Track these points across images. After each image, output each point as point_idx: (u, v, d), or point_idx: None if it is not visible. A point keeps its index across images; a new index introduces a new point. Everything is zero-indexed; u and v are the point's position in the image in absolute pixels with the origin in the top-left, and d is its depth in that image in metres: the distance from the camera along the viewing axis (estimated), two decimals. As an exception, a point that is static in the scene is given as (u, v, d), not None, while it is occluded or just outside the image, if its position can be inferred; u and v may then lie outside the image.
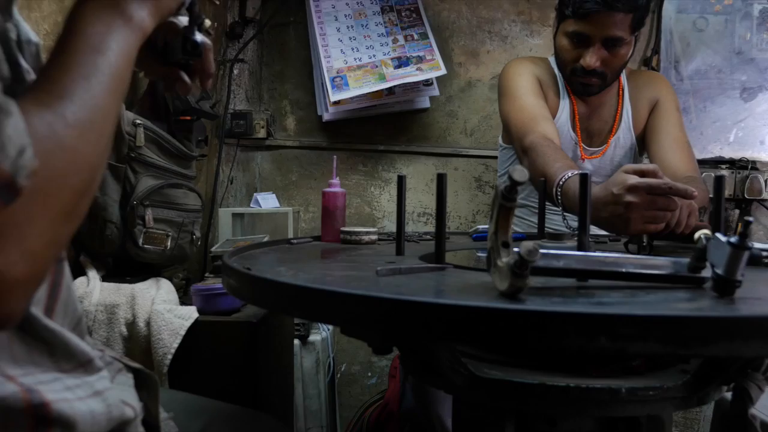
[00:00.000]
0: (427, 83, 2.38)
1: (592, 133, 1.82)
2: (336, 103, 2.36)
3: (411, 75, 2.30)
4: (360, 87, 2.28)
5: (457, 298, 0.70)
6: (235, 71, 2.51)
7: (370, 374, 2.53)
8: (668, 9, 2.40)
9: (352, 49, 2.35)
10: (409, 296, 0.59)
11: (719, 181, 0.85)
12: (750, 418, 0.86)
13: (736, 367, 0.82)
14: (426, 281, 0.81)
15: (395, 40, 2.36)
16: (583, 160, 1.81)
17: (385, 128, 2.50)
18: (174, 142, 1.64)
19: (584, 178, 0.80)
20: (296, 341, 1.99)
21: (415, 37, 2.37)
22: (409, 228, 2.50)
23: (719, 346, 0.54)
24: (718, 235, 0.69)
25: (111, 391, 0.68)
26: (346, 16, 2.39)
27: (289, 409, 1.88)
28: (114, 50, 0.63)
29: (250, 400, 1.46)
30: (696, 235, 0.81)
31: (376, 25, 2.39)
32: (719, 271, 0.69)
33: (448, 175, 2.48)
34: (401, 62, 2.32)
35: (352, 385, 2.54)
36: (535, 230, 1.28)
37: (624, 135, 1.81)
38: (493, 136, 2.44)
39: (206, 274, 1.82)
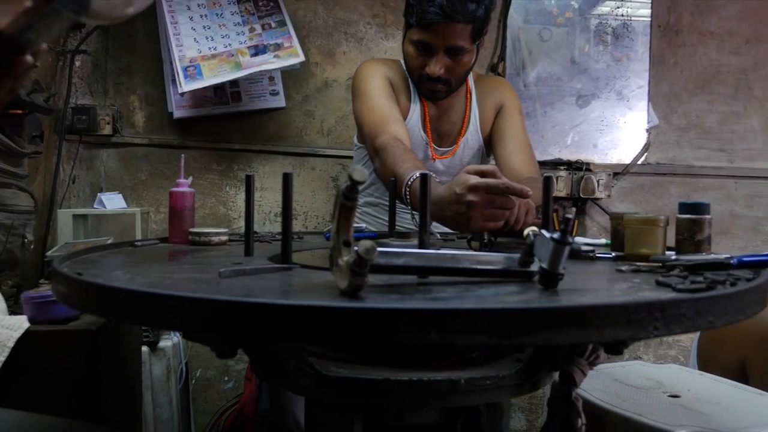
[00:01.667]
0: (274, 93, 2.36)
1: (442, 134, 1.89)
2: (183, 104, 2.28)
3: (268, 62, 2.25)
4: (215, 76, 2.20)
5: (297, 298, 0.69)
6: (77, 63, 2.35)
7: (226, 378, 2.47)
8: (516, 19, 2.55)
9: (207, 38, 2.27)
10: (243, 297, 0.58)
11: (548, 181, 0.91)
12: (574, 399, 0.92)
13: (562, 354, 0.88)
14: (270, 282, 0.80)
15: (252, 29, 2.30)
16: (434, 160, 1.87)
17: (240, 127, 2.45)
18: (1, 137, 1.50)
19: (424, 179, 0.83)
20: (144, 348, 1.90)
21: (273, 24, 2.33)
22: (266, 228, 2.47)
23: (539, 336, 0.57)
24: (543, 231, 0.74)
25: None
26: (199, 5, 2.31)
27: (138, 420, 1.79)
28: None
29: (92, 413, 1.37)
30: (525, 232, 0.86)
31: (232, 14, 2.32)
32: (544, 265, 0.74)
33: (305, 175, 2.50)
34: (258, 50, 2.27)
35: (208, 391, 2.46)
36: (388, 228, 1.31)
37: (472, 136, 1.89)
38: (349, 136, 2.47)
39: (41, 281, 1.68)
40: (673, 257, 0.99)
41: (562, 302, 0.63)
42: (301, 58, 2.27)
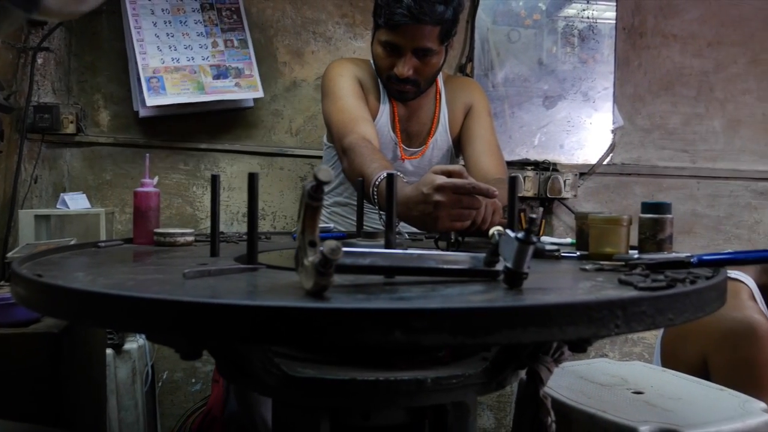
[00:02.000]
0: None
1: (411, 134, 1.89)
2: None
3: (229, 91, 2.28)
4: (178, 94, 2.21)
5: (262, 298, 0.69)
6: (39, 60, 2.30)
7: (194, 380, 2.44)
8: (485, 20, 2.57)
9: (170, 47, 2.25)
10: (206, 298, 0.57)
11: (513, 181, 0.92)
12: (542, 397, 0.93)
13: (528, 353, 0.89)
14: (235, 282, 0.79)
15: (215, 44, 2.30)
16: (403, 160, 1.87)
17: (207, 126, 2.42)
18: (-40, 136, 1.47)
19: (390, 179, 0.83)
20: (109, 351, 1.87)
21: (235, 43, 2.32)
22: (234, 228, 2.45)
23: (503, 334, 0.58)
24: (508, 231, 0.75)
25: None
26: (163, 10, 2.28)
27: (102, 424, 1.76)
28: None
29: (54, 417, 1.35)
30: (490, 232, 0.87)
31: (196, 23, 2.31)
32: (509, 264, 0.74)
33: (274, 174, 2.49)
34: (220, 72, 2.28)
35: (174, 393, 2.43)
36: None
37: (441, 137, 1.89)
38: (318, 136, 2.46)
39: (1, 283, 1.65)
40: (636, 256, 1.00)
41: (525, 301, 0.63)
42: (260, 94, 2.31)
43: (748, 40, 2.82)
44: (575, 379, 1.43)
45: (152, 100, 2.19)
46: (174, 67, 2.23)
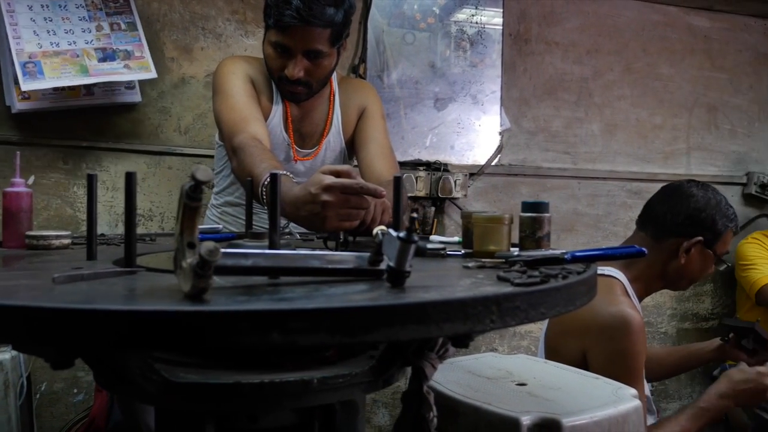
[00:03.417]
0: (130, 86, 2.25)
1: (304, 135, 1.87)
2: (26, 98, 2.11)
3: (117, 72, 2.14)
4: (58, 78, 2.06)
5: (136, 303, 0.66)
6: None
7: (76, 390, 2.32)
8: (380, 22, 2.59)
9: (48, 31, 2.11)
10: (70, 304, 0.54)
11: (397, 181, 0.94)
12: (425, 393, 0.95)
13: (413, 349, 0.91)
14: (110, 287, 0.76)
15: (99, 27, 2.18)
16: (296, 161, 1.86)
17: (89, 123, 2.30)
18: None
19: (274, 179, 0.82)
20: (-22, 363, 1.74)
21: (122, 26, 2.21)
22: (119, 230, 2.34)
23: (381, 332, 0.59)
24: (390, 230, 0.76)
25: None
26: (38, -6, 2.14)
27: (-30, 442, 1.64)
28: None
29: None
30: (374, 232, 0.88)
31: (77, 8, 2.17)
32: (391, 263, 0.75)
33: (162, 174, 2.40)
34: (106, 55, 2.15)
35: (55, 405, 2.30)
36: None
37: (334, 138, 1.89)
38: (209, 135, 2.40)
39: None
40: (516, 253, 1.04)
41: (404, 299, 0.64)
42: (153, 74, 2.19)
43: (622, 50, 3.01)
44: (463, 374, 1.47)
45: (28, 85, 2.03)
46: (53, 51, 2.09)
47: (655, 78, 3.07)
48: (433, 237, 1.39)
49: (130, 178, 0.84)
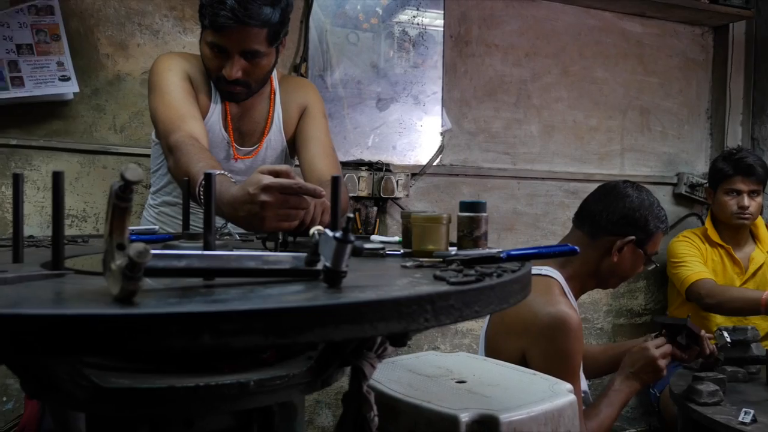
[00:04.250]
0: (64, 78, 2.17)
1: (244, 133, 1.85)
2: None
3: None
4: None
5: (61, 306, 0.64)
6: None
7: (5, 399, 2.23)
8: (324, 21, 2.58)
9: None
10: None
11: (335, 181, 0.93)
12: (365, 393, 0.95)
13: (351, 349, 0.91)
14: (36, 290, 0.73)
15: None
16: (236, 160, 1.83)
17: (17, 119, 2.21)
18: None
19: (209, 178, 0.81)
20: None
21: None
22: (50, 231, 2.26)
23: (315, 333, 0.58)
24: (326, 230, 0.76)
25: None
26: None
27: None
28: None
29: None
30: (311, 232, 0.88)
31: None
32: (328, 263, 0.75)
33: (96, 174, 2.33)
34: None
35: (-18, 415, 2.21)
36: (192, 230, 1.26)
37: (275, 137, 1.87)
38: (145, 133, 2.34)
39: None
40: (454, 252, 1.06)
41: (338, 299, 0.64)
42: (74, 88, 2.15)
43: (559, 53, 3.09)
44: (404, 372, 1.48)
45: None
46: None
47: (591, 81, 3.16)
48: (374, 237, 1.39)
49: (57, 178, 0.81)
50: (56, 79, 2.18)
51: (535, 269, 1.83)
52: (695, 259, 2.80)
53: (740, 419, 1.67)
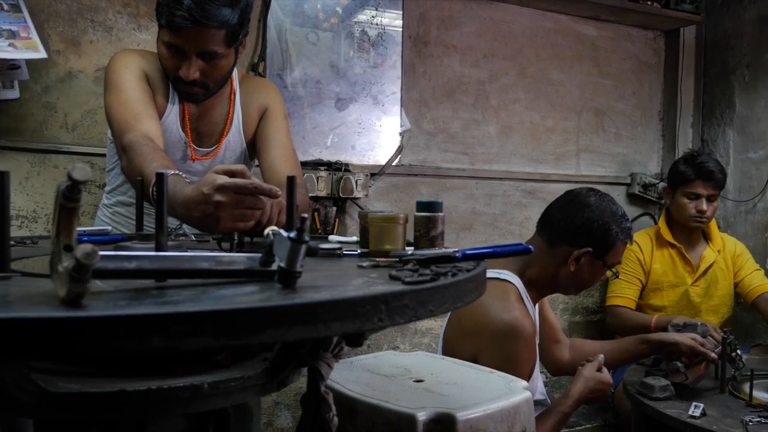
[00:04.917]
0: (14, 66, 2.10)
1: (202, 134, 1.82)
2: None
3: (3, 50, 1.99)
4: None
5: (8, 309, 0.62)
6: None
7: (-49, 406, 2.15)
8: (283, 20, 2.56)
9: None
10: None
11: (291, 181, 0.93)
12: (323, 393, 0.95)
13: (307, 350, 0.91)
14: (-22, 293, 0.71)
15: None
16: (194, 160, 1.80)
17: (-36, 118, 2.15)
18: None
19: (160, 178, 0.80)
20: None
21: (5, 6, 2.06)
22: (0, 233, 2.19)
23: (268, 334, 0.58)
24: (281, 231, 0.75)
25: None
26: None
27: None
28: None
29: None
30: (265, 232, 0.87)
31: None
32: (282, 264, 0.75)
33: (47, 173, 2.28)
34: None
35: (-74, 423, 2.13)
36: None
37: (234, 138, 1.84)
38: (99, 132, 2.29)
39: None
40: (410, 252, 1.06)
41: (292, 300, 0.64)
42: (42, 54, 2.04)
43: (516, 55, 3.13)
44: (362, 372, 1.48)
45: None
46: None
47: (548, 83, 3.21)
48: (332, 237, 1.39)
49: (2, 178, 0.79)
50: (5, 69, 2.10)
51: (494, 273, 1.84)
52: (629, 277, 2.87)
53: (690, 413, 1.72)
